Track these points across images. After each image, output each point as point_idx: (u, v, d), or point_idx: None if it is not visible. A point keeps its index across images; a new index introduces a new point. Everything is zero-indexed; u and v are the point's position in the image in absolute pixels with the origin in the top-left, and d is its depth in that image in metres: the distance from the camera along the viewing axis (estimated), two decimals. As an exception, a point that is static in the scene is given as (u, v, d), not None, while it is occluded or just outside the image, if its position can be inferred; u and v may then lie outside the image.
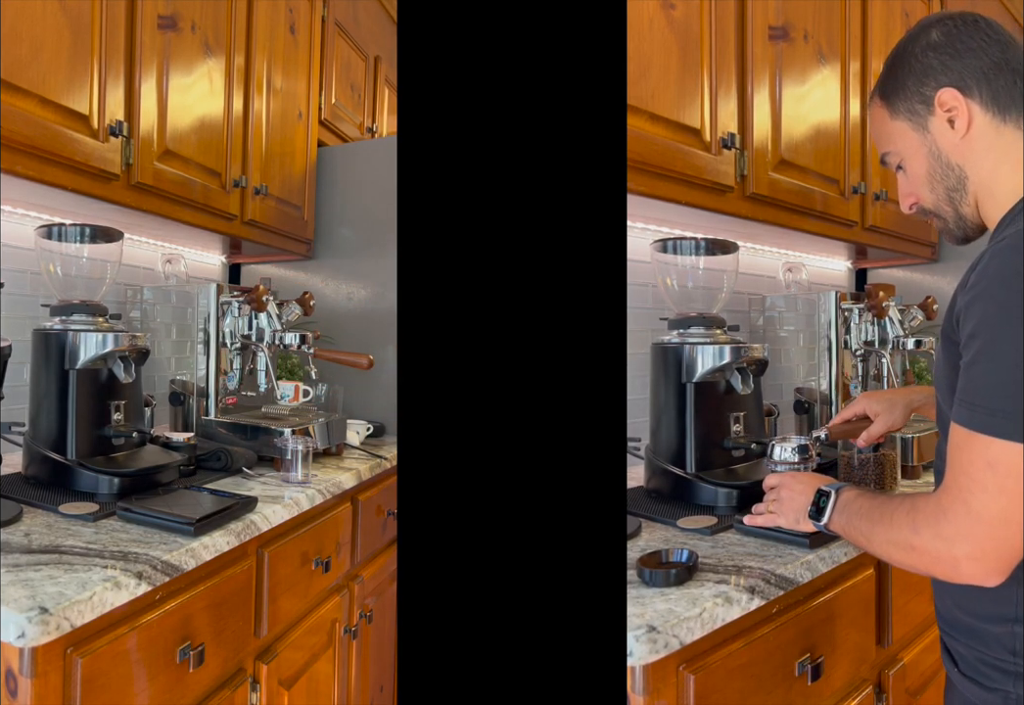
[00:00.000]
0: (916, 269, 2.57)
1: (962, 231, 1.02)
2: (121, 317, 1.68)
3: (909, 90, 0.99)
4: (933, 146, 0.99)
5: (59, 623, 0.92)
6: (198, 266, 2.43)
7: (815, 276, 2.45)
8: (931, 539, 0.84)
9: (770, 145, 1.75)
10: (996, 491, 0.79)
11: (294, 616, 1.56)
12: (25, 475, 1.50)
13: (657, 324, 1.68)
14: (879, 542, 0.93)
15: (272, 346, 1.90)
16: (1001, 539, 0.79)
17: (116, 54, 1.57)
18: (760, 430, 1.64)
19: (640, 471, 1.62)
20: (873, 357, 1.95)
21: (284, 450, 1.66)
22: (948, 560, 0.82)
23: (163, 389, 1.91)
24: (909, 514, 0.87)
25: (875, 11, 2.08)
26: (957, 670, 0.96)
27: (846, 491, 1.03)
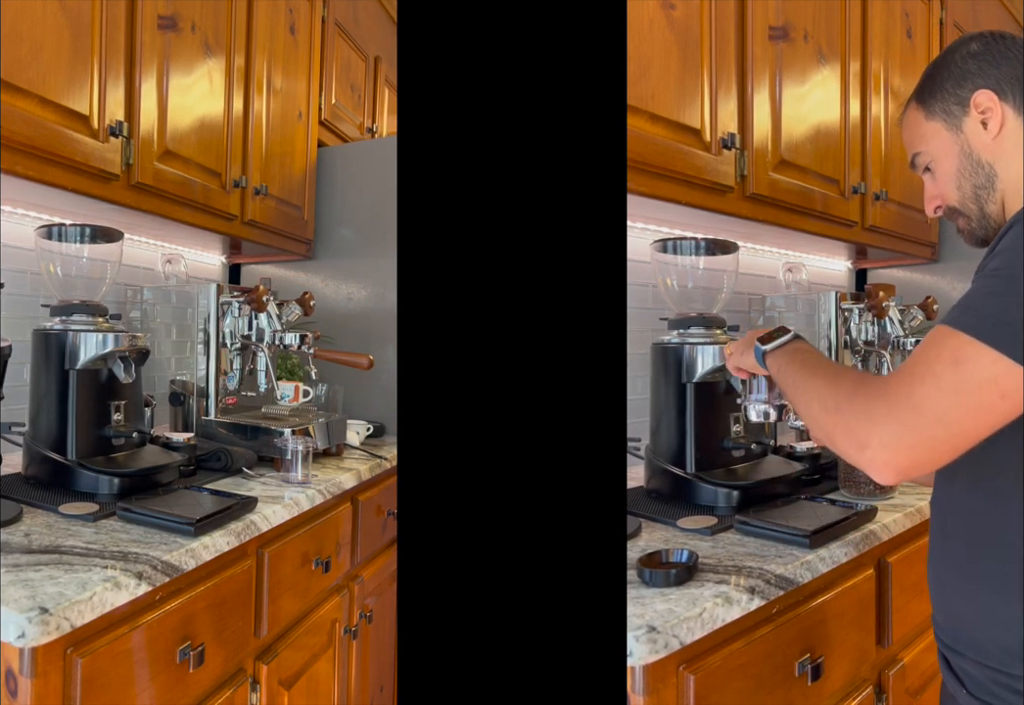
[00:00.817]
0: (916, 269, 2.57)
1: (983, 231, 1.03)
2: (121, 317, 1.68)
3: (947, 92, 1.02)
4: (965, 145, 1.01)
5: (59, 623, 0.92)
6: (198, 266, 2.43)
7: (815, 276, 2.45)
8: (859, 411, 0.80)
9: (770, 145, 1.75)
10: (948, 388, 0.76)
11: (294, 616, 1.56)
12: (25, 475, 1.50)
13: (657, 324, 1.68)
14: (808, 393, 0.91)
15: (272, 346, 1.90)
16: (926, 436, 0.76)
17: (116, 54, 1.57)
18: (760, 430, 1.64)
19: (640, 471, 1.62)
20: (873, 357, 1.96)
21: (284, 450, 1.66)
22: (861, 437, 0.79)
23: (163, 389, 1.91)
24: (854, 381, 0.85)
25: (875, 11, 2.09)
26: (966, 691, 0.91)
27: (804, 342, 1.07)
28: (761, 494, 1.47)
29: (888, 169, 2.16)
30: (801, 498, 1.48)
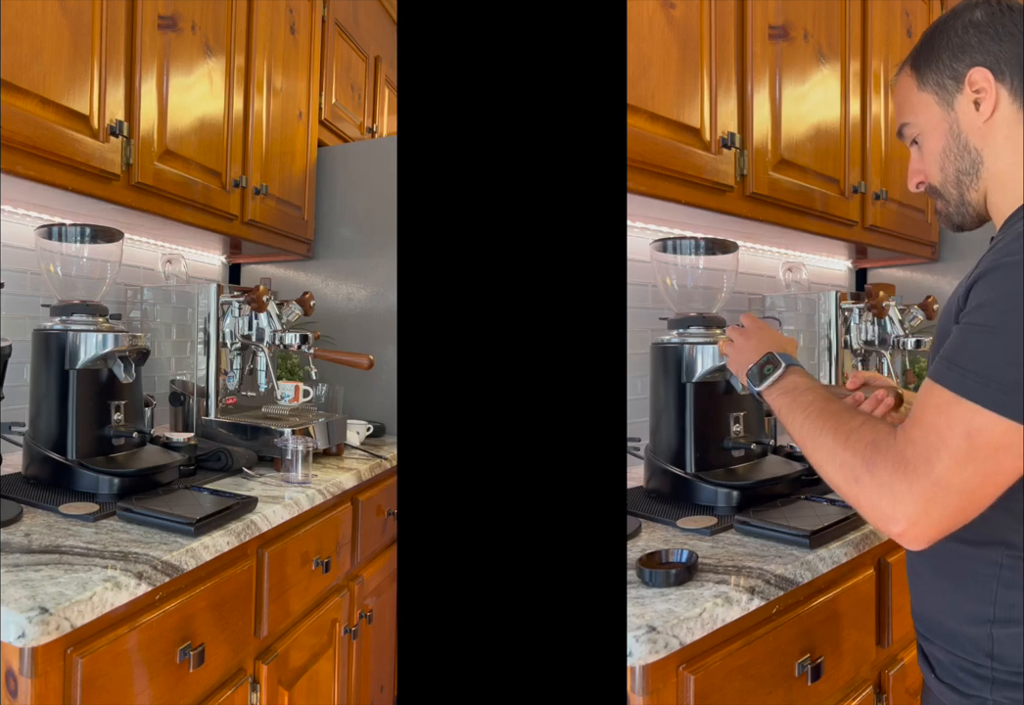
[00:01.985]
0: (916, 269, 2.57)
1: (960, 217, 0.99)
2: (121, 317, 1.68)
3: (942, 63, 0.96)
4: (954, 125, 0.96)
5: (59, 623, 0.92)
6: (198, 266, 2.43)
7: (815, 276, 2.45)
8: (881, 485, 0.80)
9: (770, 145, 1.75)
10: (966, 460, 0.76)
11: (294, 616, 1.56)
12: (25, 475, 1.50)
13: (657, 324, 1.68)
14: (819, 451, 0.89)
15: (272, 346, 1.90)
16: (951, 508, 0.77)
17: (116, 54, 1.57)
18: (760, 430, 1.64)
19: (640, 471, 1.62)
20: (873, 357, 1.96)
21: (284, 450, 1.66)
22: (888, 512, 0.79)
23: (163, 389, 1.91)
24: (868, 447, 0.83)
25: (875, 11, 2.08)
26: (934, 675, 0.95)
27: (797, 374, 1.03)
28: (761, 494, 1.47)
29: (888, 168, 2.16)
30: (801, 498, 1.48)
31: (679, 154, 1.55)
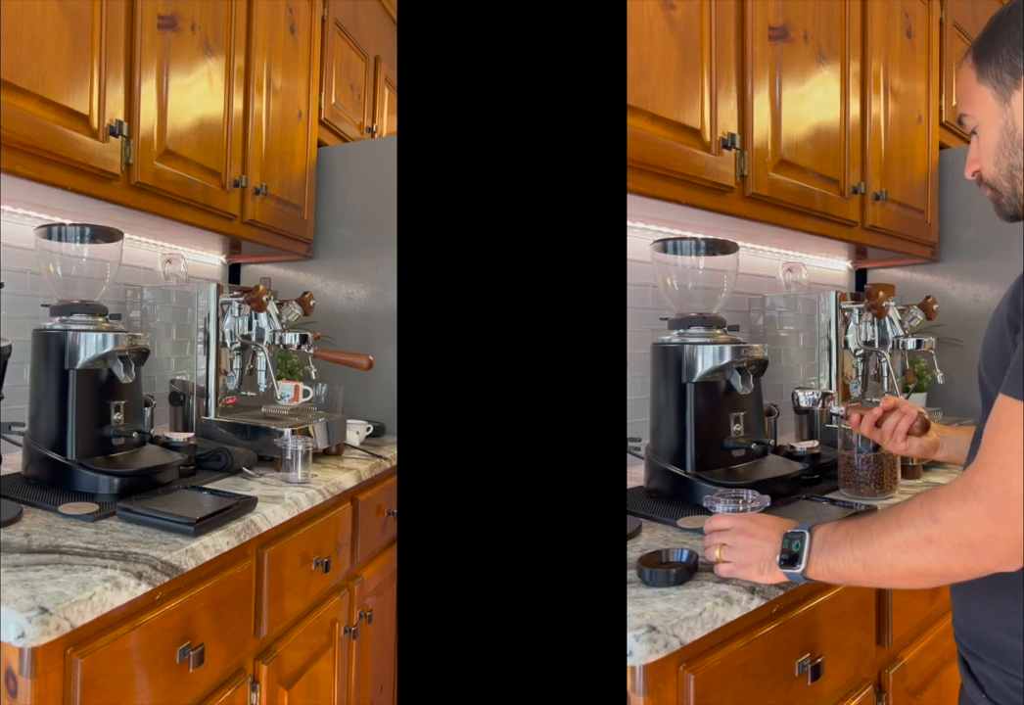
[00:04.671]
0: (916, 269, 2.57)
1: (1012, 208, 0.97)
2: (121, 317, 1.68)
3: (1001, 57, 0.92)
4: (1010, 121, 0.93)
5: (59, 623, 0.92)
6: (198, 266, 2.43)
7: (815, 276, 2.45)
8: (955, 524, 0.77)
9: (770, 145, 1.75)
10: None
11: (294, 616, 1.56)
12: (25, 475, 1.50)
13: (657, 324, 1.68)
14: (880, 556, 0.85)
15: (272, 346, 1.90)
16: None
17: (116, 54, 1.57)
18: (760, 430, 1.64)
19: (640, 471, 1.62)
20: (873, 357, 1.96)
21: (284, 450, 1.66)
22: (976, 542, 0.76)
23: (163, 389, 1.91)
24: (923, 506, 0.80)
25: (875, 11, 2.09)
26: (984, 696, 0.89)
27: (819, 527, 0.95)
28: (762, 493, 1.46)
29: (888, 169, 2.17)
30: (801, 498, 1.48)
31: (679, 155, 1.55)
